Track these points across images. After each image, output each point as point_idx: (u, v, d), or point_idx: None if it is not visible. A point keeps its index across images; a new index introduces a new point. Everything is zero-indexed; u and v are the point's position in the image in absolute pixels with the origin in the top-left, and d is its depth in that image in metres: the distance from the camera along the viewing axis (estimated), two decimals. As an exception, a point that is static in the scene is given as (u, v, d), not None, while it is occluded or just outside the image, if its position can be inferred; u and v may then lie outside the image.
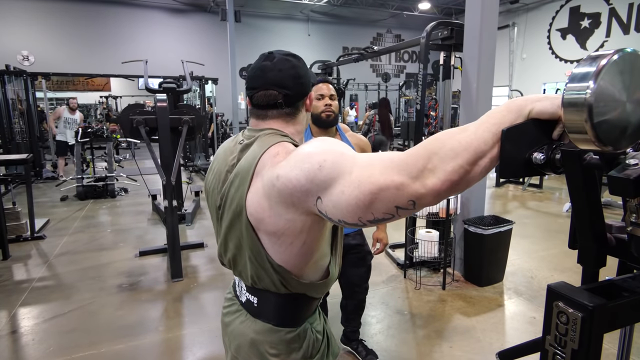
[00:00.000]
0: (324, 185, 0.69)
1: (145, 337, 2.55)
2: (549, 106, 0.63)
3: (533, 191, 6.87)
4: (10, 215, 4.12)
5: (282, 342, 0.91)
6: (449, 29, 3.45)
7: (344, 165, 0.68)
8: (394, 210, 0.64)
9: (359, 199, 0.64)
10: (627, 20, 10.72)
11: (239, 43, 12.27)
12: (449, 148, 0.60)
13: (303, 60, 0.95)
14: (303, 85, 0.91)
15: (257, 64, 0.91)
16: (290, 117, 0.92)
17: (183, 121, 3.92)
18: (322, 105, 1.88)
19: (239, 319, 0.97)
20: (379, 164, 0.65)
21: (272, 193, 0.77)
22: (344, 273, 2.20)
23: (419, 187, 0.60)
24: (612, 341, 0.97)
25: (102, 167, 6.94)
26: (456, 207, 3.20)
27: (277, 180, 0.75)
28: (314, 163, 0.70)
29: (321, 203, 0.70)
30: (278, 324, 0.91)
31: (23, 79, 7.99)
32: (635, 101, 0.60)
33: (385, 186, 0.62)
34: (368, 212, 0.65)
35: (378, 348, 2.41)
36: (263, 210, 0.80)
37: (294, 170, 0.73)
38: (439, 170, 0.60)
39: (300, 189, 0.72)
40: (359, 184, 0.64)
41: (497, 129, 0.60)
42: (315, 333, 0.96)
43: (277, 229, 0.80)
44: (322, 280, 0.93)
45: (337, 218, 0.70)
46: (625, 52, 0.58)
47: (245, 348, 0.93)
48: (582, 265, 0.80)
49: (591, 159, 0.70)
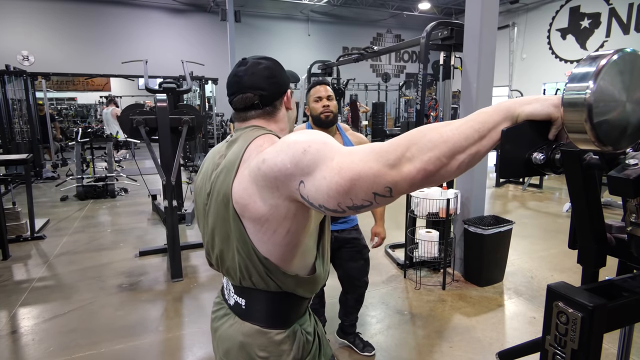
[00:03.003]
0: (308, 169, 0.71)
1: (145, 337, 2.55)
2: (540, 108, 0.63)
3: (533, 191, 6.87)
4: (10, 215, 4.12)
5: (272, 344, 0.90)
6: (449, 29, 3.45)
7: (327, 152, 0.71)
8: (372, 196, 0.66)
9: (339, 184, 0.66)
10: (627, 20, 10.72)
11: (239, 43, 12.28)
12: (429, 139, 0.61)
13: (277, 62, 0.98)
14: (277, 84, 0.95)
15: (233, 71, 0.96)
16: (270, 116, 0.95)
17: (183, 121, 3.92)
18: (320, 107, 1.96)
19: (227, 323, 0.96)
20: (360, 152, 0.67)
21: (258, 176, 0.79)
22: (341, 267, 2.22)
23: (395, 174, 0.62)
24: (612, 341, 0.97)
25: (102, 167, 6.95)
26: (456, 207, 3.20)
27: (262, 164, 0.78)
28: (299, 148, 0.73)
29: (304, 187, 0.72)
30: (267, 325, 0.91)
31: (23, 79, 7.99)
32: (635, 101, 0.60)
33: (364, 173, 0.64)
34: (347, 198, 0.67)
35: (378, 348, 2.42)
36: (249, 196, 0.81)
37: (279, 155, 0.76)
38: (415, 159, 0.61)
39: (285, 172, 0.74)
40: (340, 169, 0.67)
41: (481, 127, 0.61)
42: (305, 334, 0.95)
43: (261, 215, 0.81)
44: (309, 276, 0.93)
45: (317, 203, 0.71)
46: (625, 52, 0.58)
47: (234, 352, 0.92)
48: (582, 265, 0.80)
49: (591, 159, 0.70)
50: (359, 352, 2.36)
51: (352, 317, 2.39)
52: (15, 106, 7.88)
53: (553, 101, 0.64)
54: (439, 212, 3.12)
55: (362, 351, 2.36)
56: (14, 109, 7.81)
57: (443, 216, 3.09)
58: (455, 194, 3.17)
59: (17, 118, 7.86)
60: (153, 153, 3.62)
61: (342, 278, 2.27)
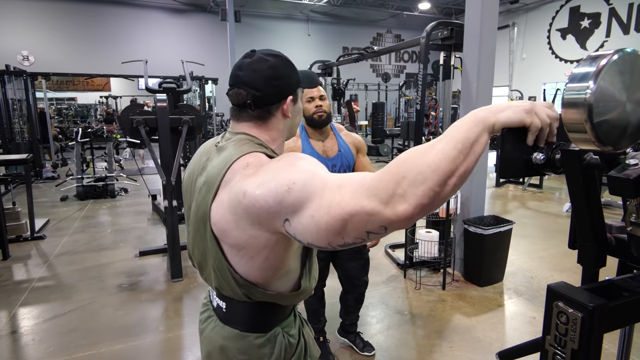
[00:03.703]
0: (293, 208, 0.67)
1: (145, 337, 2.55)
2: (513, 116, 0.62)
3: (533, 191, 6.87)
4: (10, 215, 4.12)
5: (252, 348, 0.89)
6: (449, 29, 3.45)
7: (314, 188, 0.66)
8: (365, 235, 0.63)
9: (330, 224, 0.63)
10: (627, 20, 10.72)
11: (239, 43, 12.26)
12: (418, 171, 0.59)
13: (288, 63, 0.88)
14: (277, 87, 0.86)
15: (238, 62, 0.89)
16: (261, 122, 0.87)
17: (183, 121, 3.92)
18: (313, 107, 1.93)
19: (210, 325, 0.95)
20: (349, 187, 0.63)
21: (239, 209, 0.74)
22: (341, 267, 2.22)
23: (390, 214, 0.60)
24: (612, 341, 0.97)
25: (102, 167, 6.95)
26: (456, 207, 3.20)
27: (243, 198, 0.73)
28: (283, 184, 0.68)
29: (289, 225, 0.69)
30: (245, 329, 0.89)
31: (23, 79, 7.99)
32: (635, 101, 0.60)
33: (356, 212, 0.61)
34: (338, 237, 0.64)
35: (378, 348, 2.42)
36: (227, 223, 0.78)
37: (261, 190, 0.71)
38: (409, 195, 0.59)
39: (268, 210, 0.70)
40: (329, 208, 0.63)
41: (464, 145, 0.59)
42: (287, 337, 0.93)
43: (239, 242, 0.78)
44: (293, 292, 0.90)
45: (306, 241, 0.68)
46: (625, 52, 0.58)
47: (215, 354, 0.91)
48: (582, 265, 0.80)
49: (591, 159, 0.70)
50: (359, 352, 2.37)
51: (353, 316, 2.40)
52: (15, 106, 7.89)
53: (524, 107, 0.63)
54: (439, 212, 3.12)
55: (362, 351, 2.36)
56: (14, 109, 7.81)
57: (443, 216, 3.09)
58: (455, 194, 3.17)
59: (17, 118, 7.86)
60: (153, 153, 3.62)
61: (342, 278, 2.27)
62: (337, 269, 2.25)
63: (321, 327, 2.31)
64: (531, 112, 0.63)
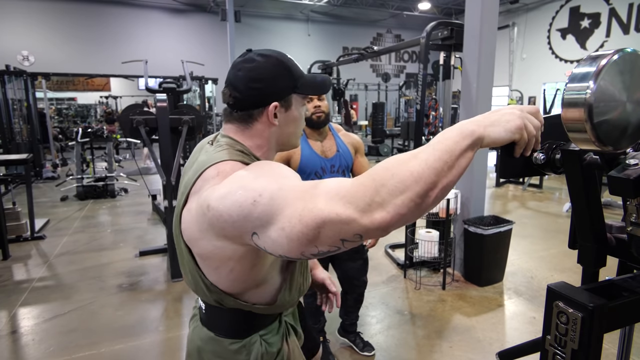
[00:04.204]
0: (260, 222, 0.63)
1: (145, 337, 2.55)
2: (503, 133, 0.61)
3: (533, 191, 6.87)
4: (10, 215, 4.12)
5: (226, 352, 0.87)
6: (449, 29, 3.45)
7: (283, 199, 0.62)
8: (340, 243, 0.60)
9: (302, 232, 0.59)
10: (627, 20, 10.72)
11: (239, 43, 12.25)
12: (399, 180, 0.55)
13: (279, 65, 0.81)
14: (258, 91, 0.80)
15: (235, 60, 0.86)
16: (244, 126, 0.82)
17: (183, 121, 3.92)
18: (311, 107, 1.92)
19: (193, 325, 0.95)
20: (323, 194, 0.59)
21: (204, 221, 0.71)
22: (340, 267, 2.22)
23: (366, 222, 0.56)
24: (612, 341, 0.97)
25: (102, 167, 6.95)
26: (456, 207, 3.20)
27: (207, 211, 0.69)
28: (248, 198, 0.64)
29: (258, 239, 0.65)
30: (220, 334, 0.88)
31: (23, 79, 7.99)
32: (635, 101, 0.60)
33: (330, 219, 0.57)
34: (312, 246, 0.60)
35: (378, 348, 2.42)
36: (193, 232, 0.76)
37: (225, 203, 0.66)
38: (387, 204, 0.56)
39: (233, 225, 0.66)
40: (301, 217, 0.59)
41: (449, 157, 0.57)
42: (265, 345, 0.89)
43: (203, 252, 0.76)
44: (267, 306, 0.87)
45: (278, 254, 0.64)
46: (625, 52, 0.58)
47: (193, 356, 0.91)
48: (582, 265, 0.80)
49: (591, 159, 0.70)
50: (359, 352, 2.37)
51: (353, 315, 2.40)
52: (15, 106, 7.89)
53: (516, 124, 0.61)
54: (439, 212, 3.12)
55: (362, 351, 2.36)
56: (14, 109, 7.81)
57: (443, 216, 3.09)
58: (455, 194, 3.17)
59: (17, 118, 7.86)
60: (153, 153, 3.62)
61: (341, 278, 2.27)
62: (335, 269, 2.25)
63: (321, 327, 2.31)
64: (522, 128, 0.62)
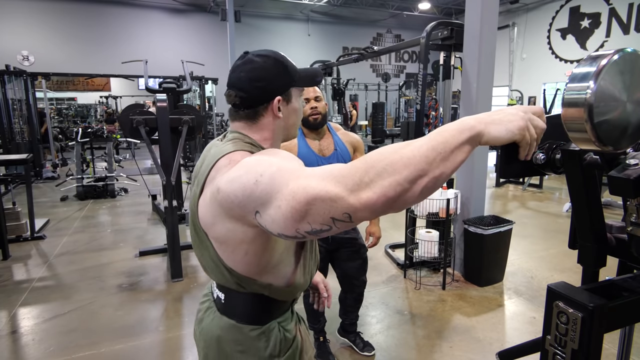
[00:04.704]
0: (261, 200, 0.68)
1: (145, 337, 2.55)
2: (504, 132, 0.60)
3: (533, 191, 6.87)
4: (10, 215, 4.11)
5: (247, 339, 0.91)
6: (449, 29, 3.45)
7: (282, 179, 0.66)
8: (330, 221, 0.62)
9: (295, 209, 0.62)
10: (627, 20, 10.72)
11: (239, 43, 12.27)
12: (389, 162, 0.57)
13: (278, 63, 0.89)
14: (263, 89, 0.87)
15: (234, 63, 0.93)
16: (251, 122, 0.90)
17: (183, 121, 3.92)
18: (308, 109, 1.92)
19: (210, 316, 0.97)
20: (317, 175, 0.63)
21: (215, 204, 0.78)
22: (340, 267, 2.22)
23: (353, 200, 0.58)
24: (612, 341, 0.97)
25: (102, 167, 6.95)
26: (456, 207, 3.20)
27: (217, 194, 0.76)
28: (250, 178, 0.70)
29: (260, 217, 0.69)
30: (241, 321, 0.92)
31: (23, 79, 7.99)
32: (635, 101, 0.60)
33: (320, 196, 0.60)
34: (304, 223, 0.63)
35: (378, 348, 2.42)
36: (208, 218, 0.82)
37: (232, 185, 0.73)
38: (374, 184, 0.57)
39: (238, 205, 0.72)
40: (294, 195, 0.63)
41: (444, 148, 0.57)
42: (283, 332, 0.95)
43: (219, 236, 0.82)
44: (285, 287, 0.92)
45: (276, 232, 0.68)
46: (625, 52, 0.58)
47: (213, 345, 0.94)
48: (582, 265, 0.80)
49: (591, 158, 0.70)
50: (359, 352, 2.37)
51: (352, 315, 2.40)
52: (15, 106, 7.88)
53: (519, 124, 0.61)
54: (439, 212, 3.12)
55: (362, 351, 2.36)
56: (14, 109, 7.81)
57: (443, 216, 3.09)
58: (455, 194, 3.17)
59: (17, 118, 7.86)
60: (153, 153, 3.62)
61: (341, 278, 2.27)
62: (335, 269, 2.25)
63: (321, 327, 2.31)
64: (524, 129, 0.61)
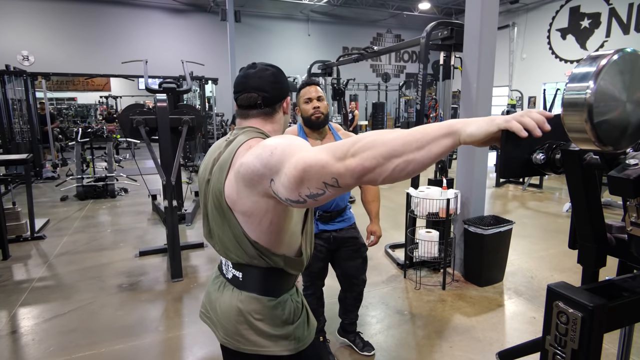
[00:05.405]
0: (275, 169, 0.82)
1: (145, 337, 2.55)
2: (484, 126, 0.66)
3: (533, 191, 6.87)
4: (10, 215, 4.11)
5: (266, 309, 1.04)
6: (449, 29, 3.45)
7: (291, 152, 0.81)
8: (323, 185, 0.76)
9: (294, 175, 0.77)
10: (627, 20, 10.72)
11: (239, 43, 12.27)
12: (372, 140, 0.71)
13: (281, 71, 1.12)
14: (280, 89, 1.09)
15: (242, 72, 1.09)
16: (268, 117, 1.08)
17: (183, 121, 3.92)
18: (310, 109, 1.93)
19: (227, 293, 1.08)
20: (316, 149, 0.78)
21: (239, 178, 0.93)
22: (340, 266, 2.22)
23: (340, 166, 0.73)
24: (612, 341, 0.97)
25: (102, 167, 6.95)
26: (456, 207, 3.20)
27: (241, 167, 0.92)
28: (267, 151, 0.85)
29: (274, 184, 0.84)
30: (260, 293, 1.04)
31: (23, 79, 7.98)
32: (635, 101, 0.60)
33: (314, 163, 0.75)
34: (304, 187, 0.77)
35: (378, 348, 2.42)
36: (236, 194, 0.95)
37: (252, 157, 0.89)
38: (357, 155, 0.71)
39: (257, 173, 0.87)
40: (296, 164, 0.77)
41: (421, 138, 0.68)
42: (295, 302, 1.10)
43: (247, 209, 0.95)
44: (296, 257, 1.07)
45: (284, 197, 0.82)
46: (625, 52, 0.58)
47: (233, 316, 1.04)
48: (582, 265, 0.80)
49: (591, 159, 0.70)
50: (358, 352, 2.37)
51: (352, 315, 2.39)
52: (15, 106, 7.88)
53: (498, 122, 0.66)
54: (439, 212, 3.12)
55: (362, 351, 2.36)
56: (14, 109, 7.81)
57: (443, 216, 3.09)
58: (455, 194, 3.17)
59: (17, 118, 7.86)
60: (153, 153, 3.62)
61: (341, 277, 2.27)
62: (335, 268, 2.25)
63: (321, 327, 2.31)
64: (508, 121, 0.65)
